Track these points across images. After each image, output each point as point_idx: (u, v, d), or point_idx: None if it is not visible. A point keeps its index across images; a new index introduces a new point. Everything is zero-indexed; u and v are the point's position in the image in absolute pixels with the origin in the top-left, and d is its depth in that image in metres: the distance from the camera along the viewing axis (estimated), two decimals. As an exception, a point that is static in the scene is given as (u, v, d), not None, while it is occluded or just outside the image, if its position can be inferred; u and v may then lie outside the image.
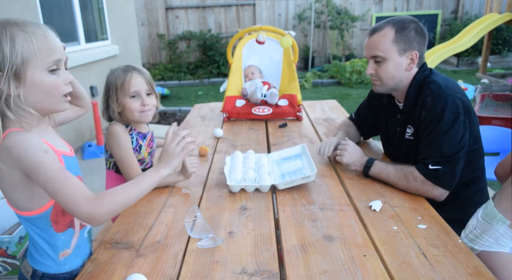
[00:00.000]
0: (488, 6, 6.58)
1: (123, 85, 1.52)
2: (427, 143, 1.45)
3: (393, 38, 1.49)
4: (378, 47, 1.51)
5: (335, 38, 8.53)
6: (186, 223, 1.27)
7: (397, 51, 1.50)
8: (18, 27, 0.88)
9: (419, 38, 1.51)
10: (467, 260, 1.07)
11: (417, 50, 1.51)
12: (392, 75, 1.54)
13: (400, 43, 1.49)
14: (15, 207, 1.00)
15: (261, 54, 2.78)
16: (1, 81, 0.87)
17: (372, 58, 1.55)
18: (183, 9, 8.61)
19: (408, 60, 1.52)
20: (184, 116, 4.91)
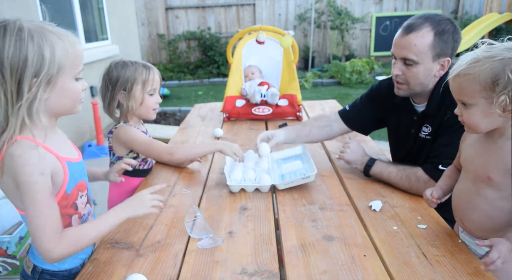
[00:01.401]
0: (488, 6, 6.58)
1: (147, 82, 1.52)
2: (445, 142, 1.40)
3: (431, 42, 1.36)
4: (412, 50, 1.38)
5: (335, 38, 8.54)
6: (186, 223, 1.27)
7: (431, 57, 1.38)
8: (55, 35, 0.91)
9: (454, 44, 1.40)
10: (467, 260, 1.07)
11: (450, 57, 1.41)
12: (421, 81, 1.44)
13: (436, 49, 1.37)
14: (15, 205, 1.00)
15: (261, 54, 2.78)
16: (34, 86, 0.89)
17: (402, 59, 1.43)
18: (183, 9, 8.62)
19: (439, 67, 1.41)
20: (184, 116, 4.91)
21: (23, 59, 0.87)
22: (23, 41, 0.86)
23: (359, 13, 8.63)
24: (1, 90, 0.88)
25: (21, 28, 0.87)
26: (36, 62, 0.88)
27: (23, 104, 0.89)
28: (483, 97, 0.97)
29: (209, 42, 8.47)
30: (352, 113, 1.85)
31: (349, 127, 1.85)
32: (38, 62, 0.88)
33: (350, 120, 1.85)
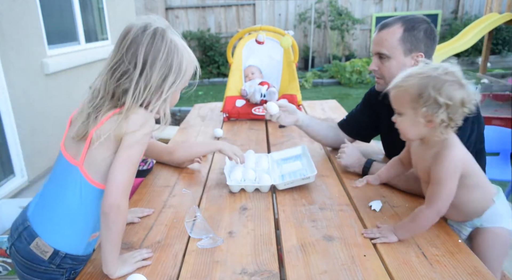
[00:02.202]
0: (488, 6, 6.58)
1: None
2: None
3: (400, 37, 1.46)
4: (384, 45, 1.48)
5: (335, 39, 8.53)
6: (186, 223, 1.27)
7: (403, 51, 1.47)
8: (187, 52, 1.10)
9: (427, 40, 1.47)
10: (467, 260, 1.07)
11: (423, 52, 1.47)
12: (394, 75, 1.48)
13: (406, 43, 1.46)
14: (95, 178, 1.04)
15: (261, 54, 2.78)
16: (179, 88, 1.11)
17: (377, 54, 1.53)
18: (183, 9, 8.62)
19: (413, 62, 1.48)
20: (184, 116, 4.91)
21: (169, 65, 1.04)
22: (172, 51, 1.04)
23: (359, 13, 8.63)
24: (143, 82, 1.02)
25: (172, 40, 1.05)
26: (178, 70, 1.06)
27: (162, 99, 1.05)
28: (411, 108, 1.10)
29: (209, 42, 8.47)
30: (350, 123, 1.89)
31: (349, 136, 1.88)
32: (178, 70, 1.06)
33: (349, 130, 1.88)
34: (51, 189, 1.10)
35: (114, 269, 1.04)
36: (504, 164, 2.60)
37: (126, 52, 1.02)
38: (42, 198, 1.11)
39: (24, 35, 3.37)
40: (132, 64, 1.02)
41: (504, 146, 2.57)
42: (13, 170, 3.19)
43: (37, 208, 1.10)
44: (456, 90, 1.04)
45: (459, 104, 1.05)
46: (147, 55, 1.02)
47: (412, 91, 1.08)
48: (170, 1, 8.55)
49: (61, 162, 1.09)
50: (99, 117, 1.03)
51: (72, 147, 1.07)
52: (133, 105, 1.02)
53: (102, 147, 1.02)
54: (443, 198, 1.09)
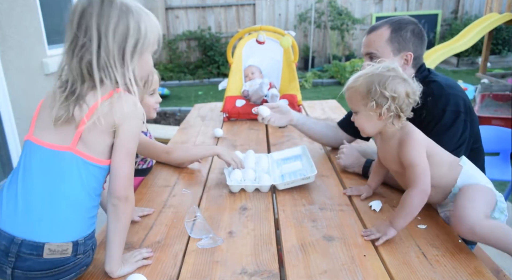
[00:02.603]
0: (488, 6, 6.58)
1: (146, 83, 1.53)
2: None
3: (388, 38, 1.51)
4: (373, 45, 1.54)
5: (335, 39, 8.53)
6: (186, 223, 1.27)
7: (391, 50, 1.51)
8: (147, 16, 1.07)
9: (415, 40, 1.52)
10: (467, 260, 1.07)
11: (412, 52, 1.52)
12: None
13: (394, 43, 1.51)
14: (94, 154, 1.01)
15: (261, 54, 2.78)
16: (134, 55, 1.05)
17: (367, 55, 1.57)
18: (183, 9, 8.61)
19: (402, 61, 1.53)
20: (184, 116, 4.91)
21: (125, 29, 1.01)
22: (124, 13, 1.01)
23: (359, 13, 8.63)
24: (104, 52, 1.00)
25: (123, 3, 1.02)
26: (136, 32, 1.02)
27: (127, 70, 1.02)
28: (363, 105, 1.22)
29: (209, 42, 8.47)
30: (349, 122, 1.86)
31: (349, 134, 1.88)
32: (137, 32, 1.03)
33: (349, 129, 1.88)
34: (36, 187, 0.99)
35: (116, 267, 1.04)
36: (504, 164, 2.60)
37: (78, 28, 1.00)
38: (25, 202, 0.98)
39: (24, 35, 3.37)
40: (87, 37, 0.99)
41: (504, 146, 2.57)
42: (13, 170, 3.19)
43: (22, 216, 0.97)
44: (399, 83, 1.17)
45: (404, 96, 1.17)
46: (99, 24, 0.99)
47: (361, 90, 1.21)
48: (170, 1, 8.55)
49: (41, 153, 1.01)
50: (84, 99, 1.00)
51: (51, 134, 1.01)
52: (109, 83, 1.01)
53: (96, 130, 1.00)
54: (422, 175, 1.16)
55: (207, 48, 8.50)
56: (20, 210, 0.98)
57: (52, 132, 1.02)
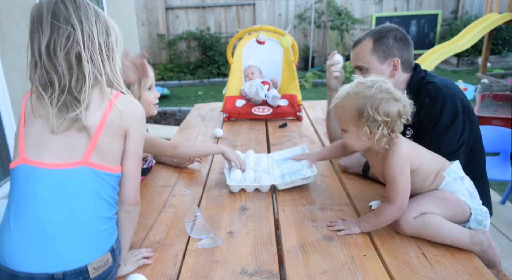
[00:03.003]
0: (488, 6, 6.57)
1: (142, 79, 1.52)
2: (426, 143, 1.44)
3: (372, 48, 1.54)
4: (360, 58, 1.57)
5: (335, 39, 8.53)
6: (186, 223, 1.27)
7: (377, 60, 1.54)
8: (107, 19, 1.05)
9: (398, 44, 1.53)
10: (467, 260, 1.07)
11: (398, 57, 1.53)
12: None
13: (379, 52, 1.53)
14: (109, 163, 0.98)
15: (261, 54, 2.78)
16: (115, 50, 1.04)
17: (357, 68, 1.61)
18: (183, 9, 8.60)
19: (391, 67, 1.54)
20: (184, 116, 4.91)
21: (103, 20, 0.99)
22: (97, 11, 0.99)
23: (359, 13, 8.62)
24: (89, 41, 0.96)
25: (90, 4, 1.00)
26: (113, 30, 1.02)
27: (114, 66, 1.01)
28: (354, 125, 1.19)
29: (209, 42, 8.46)
30: None
31: None
32: (111, 26, 1.02)
33: None
34: (53, 214, 0.91)
35: (121, 267, 1.04)
36: (504, 164, 2.60)
37: (55, 19, 0.94)
38: (46, 234, 0.90)
39: (24, 35, 3.36)
40: (69, 25, 0.94)
41: (504, 146, 2.57)
42: (13, 170, 3.19)
43: (49, 249, 0.90)
44: (392, 105, 1.14)
45: (396, 117, 1.14)
46: (79, 15, 0.96)
47: (352, 112, 1.17)
48: (170, 1, 8.54)
49: (47, 175, 0.92)
50: (89, 101, 0.96)
51: (51, 151, 0.93)
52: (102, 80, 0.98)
53: (111, 137, 0.98)
54: (401, 193, 1.17)
55: (207, 48, 8.49)
56: (44, 244, 0.90)
57: (51, 149, 0.94)
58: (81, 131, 0.95)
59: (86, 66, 0.96)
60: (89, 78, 0.96)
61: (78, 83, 0.96)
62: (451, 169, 1.25)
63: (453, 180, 1.24)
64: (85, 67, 0.96)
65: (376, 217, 1.21)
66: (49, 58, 0.95)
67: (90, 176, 0.95)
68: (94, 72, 0.97)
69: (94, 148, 0.95)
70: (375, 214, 1.22)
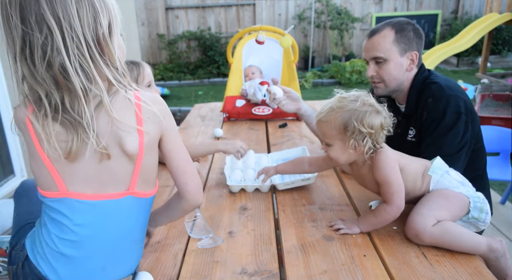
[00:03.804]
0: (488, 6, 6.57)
1: (139, 77, 1.52)
2: (428, 143, 1.45)
3: (394, 39, 1.48)
4: (379, 48, 1.50)
5: (334, 38, 8.53)
6: (186, 223, 1.27)
7: (398, 52, 1.49)
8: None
9: (417, 39, 1.51)
10: (467, 260, 1.07)
11: (417, 51, 1.51)
12: (394, 76, 1.52)
13: (400, 44, 1.49)
14: (150, 188, 0.95)
15: (261, 54, 2.78)
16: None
17: (373, 59, 1.54)
18: (183, 9, 8.60)
19: (409, 61, 1.51)
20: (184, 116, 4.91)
21: (90, 6, 0.79)
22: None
23: (359, 13, 8.62)
24: (72, 43, 0.77)
25: None
26: (103, 7, 0.81)
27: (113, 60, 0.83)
28: (339, 139, 1.20)
29: (209, 42, 8.46)
30: None
31: None
32: (105, 7, 0.81)
33: None
34: (97, 245, 0.90)
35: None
36: (504, 164, 2.60)
37: (24, 23, 0.74)
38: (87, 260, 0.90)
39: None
40: (44, 31, 0.75)
41: (504, 146, 2.57)
42: (13, 170, 3.18)
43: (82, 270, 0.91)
44: (375, 118, 1.16)
45: (379, 129, 1.16)
46: (55, 9, 0.75)
47: (337, 125, 1.18)
48: (170, 1, 8.54)
49: (95, 208, 0.88)
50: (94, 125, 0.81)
51: (89, 181, 0.86)
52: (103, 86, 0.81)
53: (152, 154, 0.91)
54: (397, 192, 1.17)
55: (207, 48, 8.49)
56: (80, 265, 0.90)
57: (88, 179, 0.86)
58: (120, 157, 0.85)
59: (75, 79, 0.78)
60: (83, 93, 0.79)
61: (73, 101, 0.80)
62: (434, 166, 1.26)
63: (440, 177, 1.24)
64: (74, 81, 0.78)
65: (375, 217, 1.21)
66: (29, 72, 0.78)
67: (134, 205, 0.92)
68: (88, 86, 0.79)
69: (138, 174, 0.88)
70: (374, 214, 1.22)
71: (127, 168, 0.87)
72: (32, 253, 0.93)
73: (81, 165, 0.85)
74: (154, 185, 0.98)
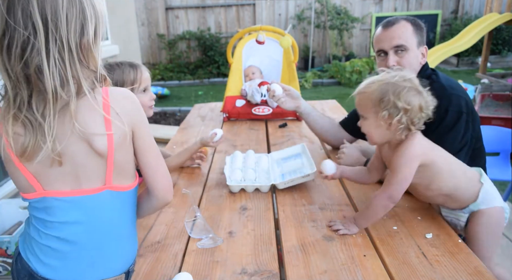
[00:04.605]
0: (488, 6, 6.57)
1: (135, 82, 1.51)
2: (436, 140, 1.44)
3: (412, 30, 1.50)
4: (402, 37, 1.49)
5: (334, 38, 8.53)
6: (186, 223, 1.27)
7: (416, 43, 1.51)
8: None
9: (425, 35, 1.56)
10: (467, 260, 1.07)
11: (426, 46, 1.54)
12: (414, 66, 1.53)
13: (417, 36, 1.51)
14: (128, 181, 0.94)
15: (261, 54, 2.78)
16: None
17: (394, 48, 1.50)
18: (183, 9, 8.61)
19: (420, 55, 1.54)
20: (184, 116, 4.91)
21: (80, 9, 0.77)
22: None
23: (359, 13, 8.62)
24: (54, 47, 0.75)
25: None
26: (92, 11, 0.80)
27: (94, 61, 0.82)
28: (374, 112, 1.18)
29: (209, 42, 8.47)
30: (351, 121, 1.88)
31: (350, 134, 1.88)
32: (93, 11, 0.80)
33: (350, 128, 1.87)
34: (79, 238, 0.90)
35: None
36: (504, 164, 2.60)
37: (10, 15, 0.73)
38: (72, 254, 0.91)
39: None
40: (28, 29, 0.73)
41: (504, 146, 2.57)
42: (13, 170, 3.18)
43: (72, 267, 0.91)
44: (414, 96, 1.14)
45: (417, 109, 1.13)
46: (44, 9, 0.73)
47: (374, 97, 1.16)
48: (170, 1, 8.54)
49: (73, 204, 0.88)
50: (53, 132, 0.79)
51: (68, 176, 0.86)
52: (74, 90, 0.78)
53: (124, 150, 0.89)
54: (396, 184, 1.17)
55: (207, 48, 8.49)
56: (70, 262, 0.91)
57: (64, 176, 0.86)
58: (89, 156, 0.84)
59: (49, 82, 0.75)
60: (53, 97, 0.77)
61: (40, 103, 0.79)
62: (485, 176, 1.26)
63: (490, 187, 1.25)
64: (47, 84, 0.75)
65: (367, 208, 1.22)
66: (2, 64, 0.76)
67: (114, 199, 0.91)
68: (60, 90, 0.77)
69: (112, 169, 0.87)
70: (367, 206, 1.23)
71: (100, 164, 0.86)
72: (23, 249, 0.94)
73: (53, 165, 0.84)
74: (133, 177, 0.95)
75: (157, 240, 1.22)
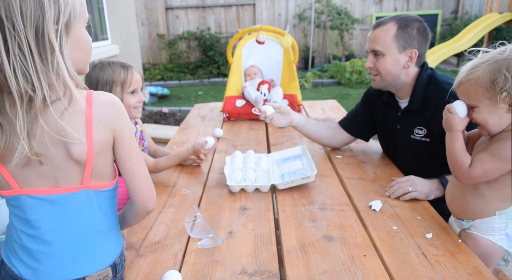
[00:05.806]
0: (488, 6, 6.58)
1: (125, 83, 1.51)
2: (438, 143, 1.45)
3: (394, 35, 1.50)
4: (378, 42, 1.52)
5: (335, 38, 8.53)
6: (186, 223, 1.27)
7: (397, 48, 1.51)
8: None
9: (420, 38, 1.52)
10: (467, 260, 1.07)
11: (417, 49, 1.52)
12: (390, 71, 1.54)
13: (400, 40, 1.50)
14: (106, 180, 0.92)
15: (261, 54, 2.78)
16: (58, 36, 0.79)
17: (372, 52, 1.56)
18: (183, 9, 8.61)
19: (407, 58, 1.53)
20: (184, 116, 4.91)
21: (37, 3, 0.73)
22: None
23: (359, 13, 8.63)
24: (14, 44, 0.72)
25: None
26: (54, 2, 0.75)
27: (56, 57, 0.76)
28: (487, 98, 1.05)
29: (209, 42, 8.47)
30: (350, 121, 1.90)
31: (349, 133, 1.87)
32: (54, 2, 0.75)
33: (349, 126, 1.88)
34: (56, 237, 0.89)
35: None
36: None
37: None
38: (52, 252, 0.90)
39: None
40: None
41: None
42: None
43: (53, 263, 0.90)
44: None
45: None
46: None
47: (483, 81, 1.03)
48: (170, 1, 8.55)
49: (48, 203, 0.87)
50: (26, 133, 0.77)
51: (46, 175, 0.85)
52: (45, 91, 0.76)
53: (105, 151, 0.89)
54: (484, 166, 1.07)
55: (207, 48, 8.50)
56: (49, 260, 0.90)
57: (42, 176, 0.85)
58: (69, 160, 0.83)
59: (12, 81, 0.73)
60: (19, 97, 0.74)
61: (12, 103, 0.76)
62: (506, 213, 1.14)
63: (499, 221, 1.15)
64: (11, 84, 0.73)
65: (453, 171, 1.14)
66: None
67: (91, 198, 0.90)
68: (26, 89, 0.74)
69: (90, 170, 0.86)
70: None
71: (78, 168, 0.86)
72: (5, 254, 0.93)
73: (31, 165, 0.83)
74: (112, 176, 0.94)
75: (157, 240, 1.22)
